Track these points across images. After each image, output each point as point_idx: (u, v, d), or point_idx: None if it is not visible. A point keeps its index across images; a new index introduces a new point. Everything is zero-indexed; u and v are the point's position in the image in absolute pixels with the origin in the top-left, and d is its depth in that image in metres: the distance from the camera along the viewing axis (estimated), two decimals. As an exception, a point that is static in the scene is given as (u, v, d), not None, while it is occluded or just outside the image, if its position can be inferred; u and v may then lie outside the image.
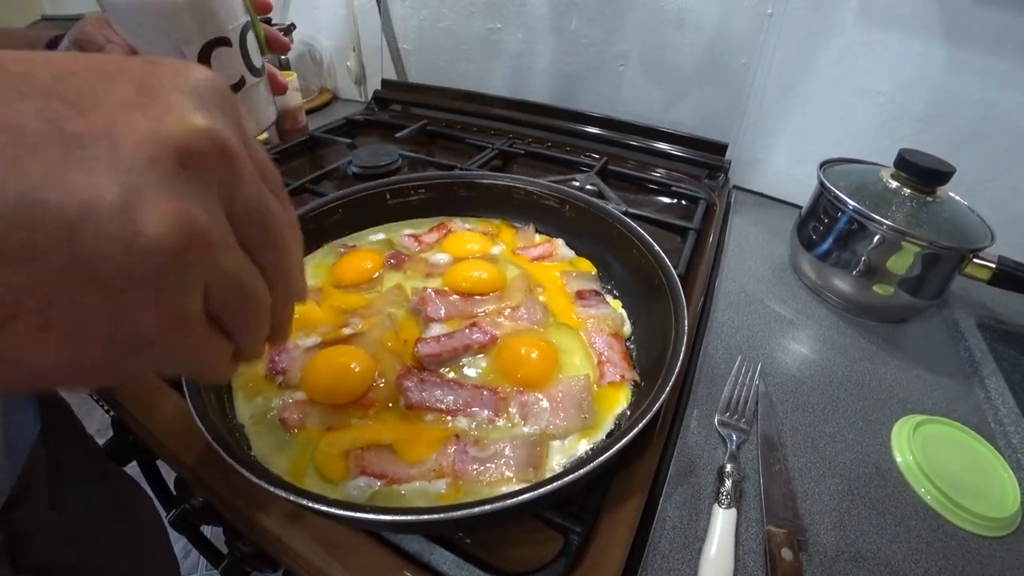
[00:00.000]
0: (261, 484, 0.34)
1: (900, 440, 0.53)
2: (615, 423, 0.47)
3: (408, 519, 0.32)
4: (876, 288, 0.66)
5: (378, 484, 0.41)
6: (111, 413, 0.72)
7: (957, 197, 0.68)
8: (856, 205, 0.65)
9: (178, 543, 0.99)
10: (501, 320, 0.55)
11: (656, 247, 0.55)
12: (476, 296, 0.58)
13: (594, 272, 0.64)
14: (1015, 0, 0.67)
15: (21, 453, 0.55)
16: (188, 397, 0.40)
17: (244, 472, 0.35)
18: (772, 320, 0.68)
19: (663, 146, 1.00)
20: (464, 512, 0.32)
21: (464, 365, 0.51)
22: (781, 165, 0.95)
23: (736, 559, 0.42)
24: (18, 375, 0.17)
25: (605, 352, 0.52)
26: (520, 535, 0.42)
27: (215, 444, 0.36)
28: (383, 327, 0.54)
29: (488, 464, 0.42)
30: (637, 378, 0.50)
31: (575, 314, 0.57)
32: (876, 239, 0.64)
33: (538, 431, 0.45)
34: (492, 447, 0.43)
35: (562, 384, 0.48)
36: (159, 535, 0.85)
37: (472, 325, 0.54)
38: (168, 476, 0.67)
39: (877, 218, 0.63)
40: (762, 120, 0.93)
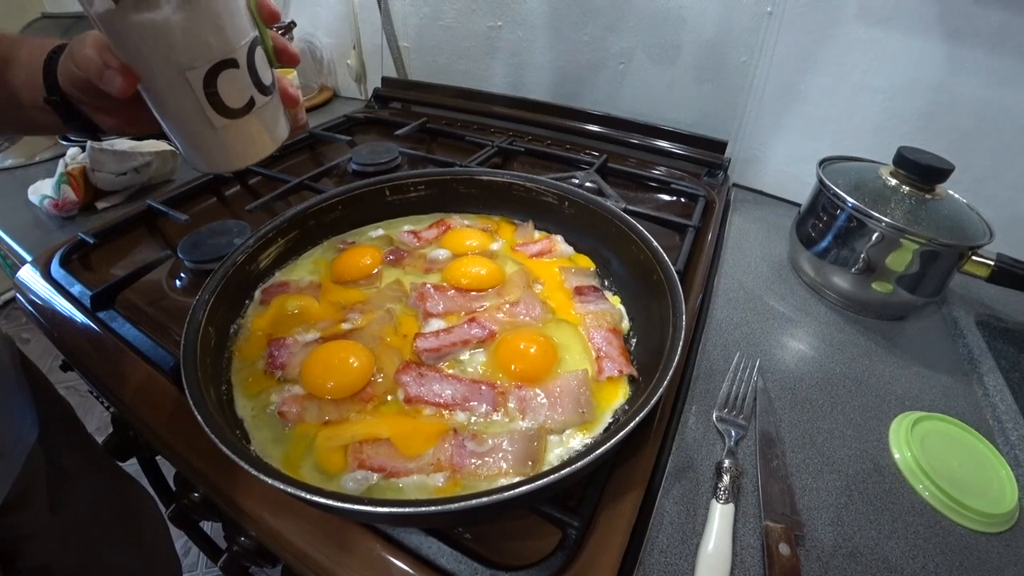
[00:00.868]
0: (260, 476, 0.34)
1: (898, 437, 0.53)
2: (613, 418, 0.47)
3: (405, 511, 0.32)
4: (875, 285, 0.66)
5: (376, 477, 0.41)
6: (111, 410, 0.72)
7: (956, 195, 0.68)
8: (855, 202, 0.65)
9: (178, 541, 0.99)
10: (500, 315, 0.55)
11: (655, 243, 0.55)
12: (475, 292, 0.59)
13: (593, 268, 0.64)
14: (1015, -2, 0.67)
15: (17, 459, 0.55)
16: (187, 391, 0.40)
17: (243, 464, 0.35)
18: (771, 317, 0.69)
19: (663, 144, 1.00)
20: (461, 505, 0.32)
21: (463, 360, 0.51)
22: (780, 163, 0.95)
23: (734, 554, 0.42)
24: None
25: (603, 347, 0.52)
26: (518, 529, 0.42)
27: (214, 437, 0.36)
28: (382, 322, 0.54)
29: (486, 458, 0.42)
30: (635, 373, 0.50)
31: (574, 310, 0.57)
32: (875, 236, 0.64)
33: (536, 425, 0.45)
34: (490, 441, 0.43)
35: (560, 379, 0.48)
36: (161, 533, 0.85)
37: (471, 320, 0.54)
38: (168, 472, 0.68)
39: (876, 215, 0.63)
40: (762, 118, 0.93)
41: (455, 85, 1.21)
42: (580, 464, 0.34)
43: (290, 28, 1.28)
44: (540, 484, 0.33)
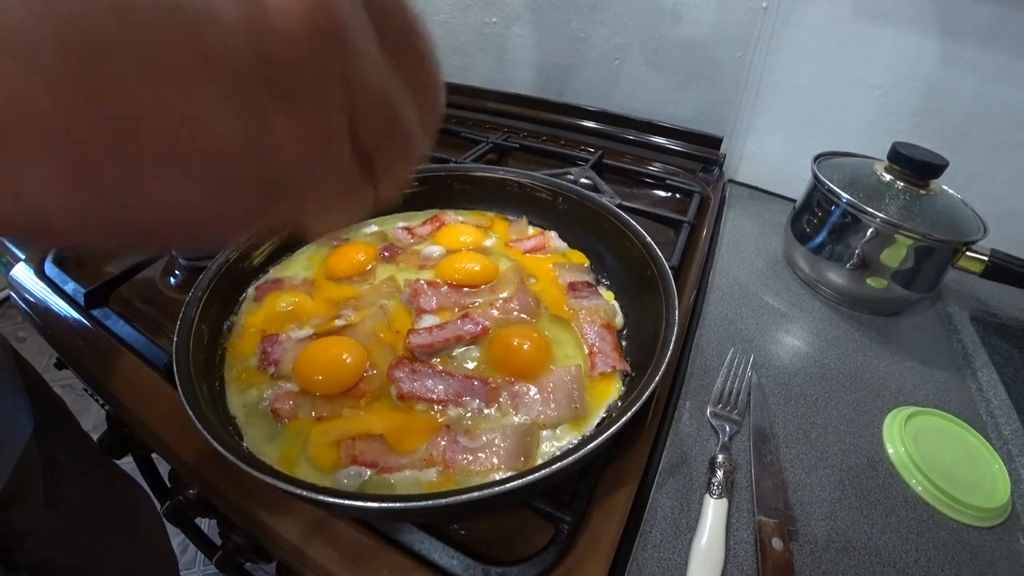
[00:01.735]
0: (252, 473, 0.34)
1: (892, 431, 0.53)
2: (606, 413, 0.47)
3: (397, 506, 0.32)
4: (869, 281, 0.66)
5: (369, 473, 0.41)
6: (106, 408, 0.72)
7: (950, 190, 0.68)
8: (850, 198, 0.65)
9: (175, 539, 0.99)
10: (493, 311, 0.55)
11: (648, 239, 0.55)
12: (468, 288, 0.58)
13: (587, 264, 0.64)
14: (1009, -6, 0.67)
15: (12, 453, 0.55)
16: (180, 388, 0.40)
17: (236, 461, 0.35)
18: (765, 313, 0.69)
19: (658, 140, 1.00)
20: (454, 499, 0.32)
21: (456, 356, 0.51)
22: (775, 159, 0.95)
23: (727, 548, 0.43)
24: (161, 222, 0.15)
25: (597, 343, 0.52)
26: (511, 525, 0.43)
27: (207, 434, 0.36)
28: (376, 318, 0.54)
29: (479, 453, 0.42)
30: (628, 369, 0.50)
31: (567, 305, 0.57)
32: (869, 232, 0.64)
33: (529, 421, 0.45)
34: (483, 437, 0.43)
35: (553, 374, 0.48)
36: (157, 530, 0.85)
37: (464, 316, 0.54)
38: (163, 470, 0.67)
39: (870, 211, 0.63)
40: (757, 114, 0.93)
41: (450, 81, 1.21)
42: (572, 459, 0.34)
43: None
44: (532, 479, 0.33)
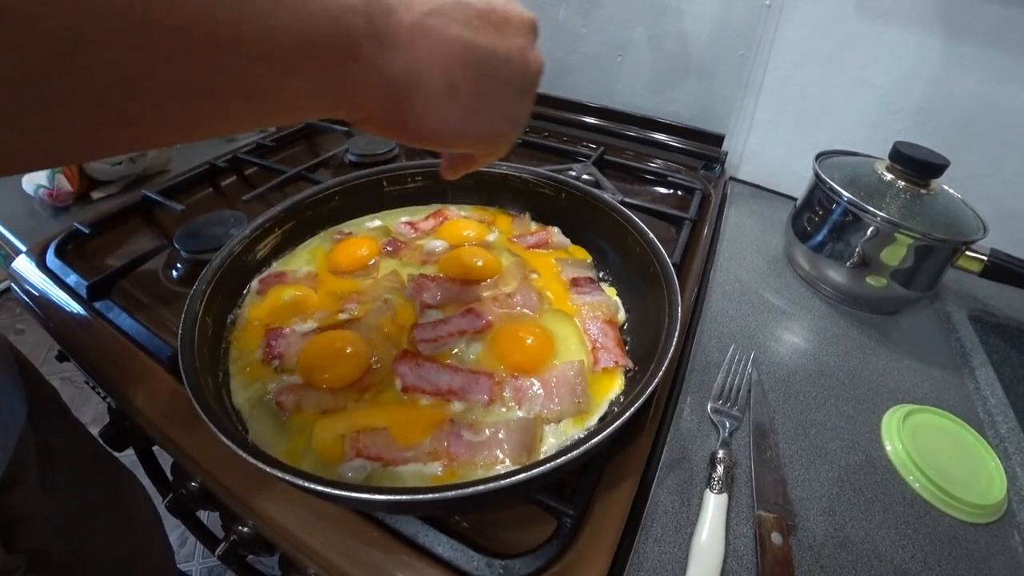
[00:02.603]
0: (258, 465, 0.34)
1: (890, 429, 0.54)
2: (608, 408, 0.47)
3: (402, 499, 0.33)
4: (869, 279, 0.67)
5: (373, 466, 0.41)
6: (107, 400, 0.72)
7: (951, 190, 0.68)
8: (851, 197, 0.65)
9: (174, 532, 1.00)
10: (496, 306, 0.55)
11: (651, 235, 0.56)
12: (472, 282, 0.59)
13: (589, 260, 0.64)
14: (1012, -6, 0.68)
15: (12, 432, 0.56)
16: (186, 381, 0.40)
17: (241, 453, 0.35)
18: (766, 310, 0.69)
19: (660, 136, 1.00)
20: (458, 492, 0.33)
21: (459, 350, 0.51)
22: (777, 157, 0.95)
23: (727, 543, 0.43)
24: (458, 133, 0.33)
25: (599, 338, 0.52)
26: (514, 518, 0.43)
27: (212, 426, 0.37)
28: (379, 312, 0.54)
29: (483, 447, 0.42)
30: (631, 364, 0.50)
31: (570, 301, 0.57)
32: (870, 231, 0.65)
33: (532, 415, 0.45)
34: (487, 431, 0.43)
35: (556, 369, 0.49)
36: (153, 523, 0.85)
37: (468, 311, 0.54)
38: (164, 463, 0.68)
39: (871, 210, 0.63)
40: (759, 112, 0.93)
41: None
42: (576, 453, 0.35)
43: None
44: (536, 472, 0.33)
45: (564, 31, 1.06)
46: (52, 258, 0.68)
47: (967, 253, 0.63)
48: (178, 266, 0.70)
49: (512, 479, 0.33)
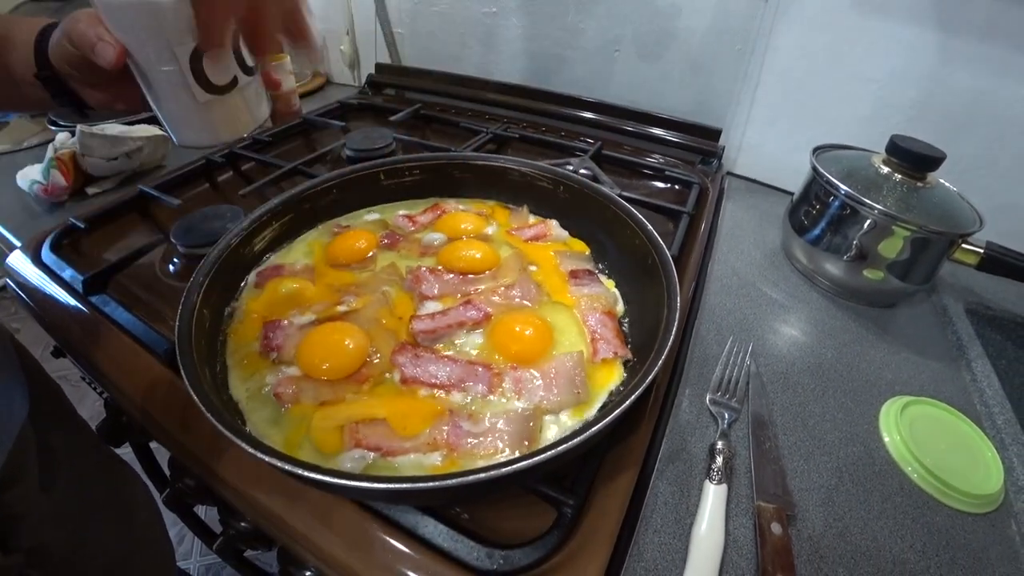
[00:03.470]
0: (256, 455, 0.34)
1: (888, 420, 0.54)
2: (608, 398, 0.47)
3: (402, 487, 0.32)
4: (866, 273, 0.67)
5: (372, 456, 0.41)
6: (104, 395, 0.72)
7: (947, 183, 0.68)
8: (848, 190, 0.65)
9: (172, 529, 0.99)
10: (495, 298, 0.55)
11: (650, 227, 0.56)
12: (470, 274, 0.59)
13: (587, 252, 0.64)
14: (1007, -12, 0.68)
15: (10, 432, 0.55)
16: (184, 371, 0.40)
17: (240, 443, 0.35)
18: (764, 303, 0.69)
19: (657, 131, 1.00)
20: (458, 480, 0.33)
21: (458, 342, 0.51)
22: (774, 151, 0.95)
23: (727, 533, 0.43)
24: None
25: (598, 330, 0.52)
26: (514, 509, 0.43)
27: (211, 417, 0.36)
28: (378, 304, 0.54)
29: (482, 438, 0.42)
30: (630, 355, 0.50)
31: (569, 293, 0.57)
32: (867, 224, 0.65)
33: (532, 406, 0.45)
34: (486, 421, 0.43)
35: (556, 360, 0.48)
36: (153, 519, 0.85)
37: (466, 302, 0.54)
38: (161, 458, 0.67)
39: (868, 203, 0.63)
40: (756, 106, 0.93)
41: (449, 71, 1.20)
42: (575, 441, 0.35)
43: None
44: (536, 460, 0.33)
45: (561, 26, 1.06)
46: (48, 253, 0.68)
47: (963, 246, 0.63)
48: (175, 261, 0.70)
49: (512, 467, 0.33)
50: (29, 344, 0.68)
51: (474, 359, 0.49)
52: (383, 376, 0.48)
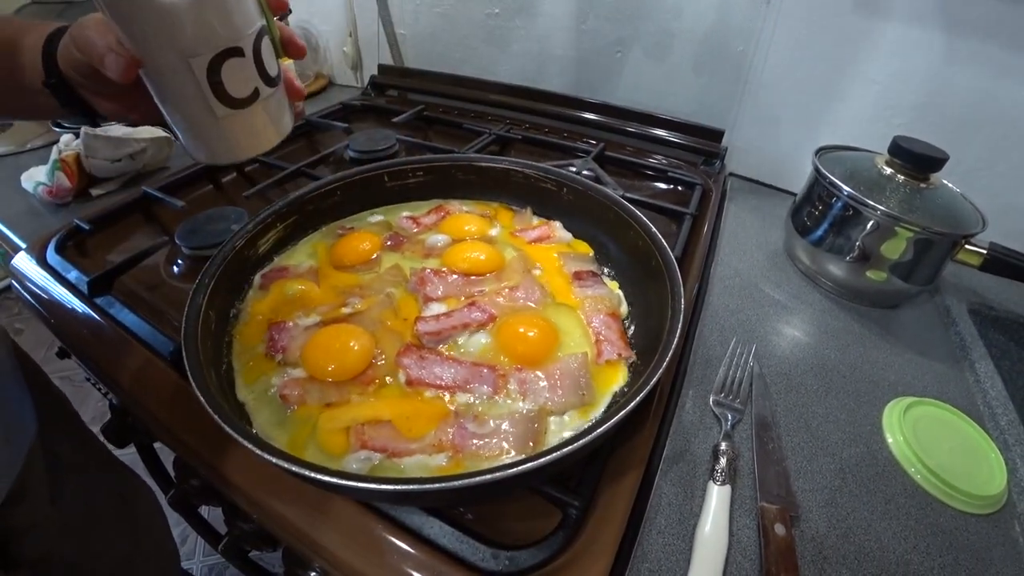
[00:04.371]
0: (262, 455, 0.34)
1: (891, 421, 0.54)
2: (612, 399, 0.48)
3: (408, 488, 0.33)
4: (869, 274, 0.67)
5: (378, 458, 0.41)
6: (108, 397, 0.72)
7: (950, 184, 0.68)
8: (851, 191, 0.65)
9: (175, 530, 0.99)
10: (499, 299, 0.55)
11: (653, 229, 0.56)
12: (474, 276, 0.59)
13: (591, 254, 0.64)
14: (1010, -11, 0.68)
15: (20, 451, 0.55)
16: (190, 373, 0.40)
17: (245, 443, 0.35)
18: (767, 304, 0.69)
19: (660, 132, 1.00)
20: (464, 482, 0.33)
21: (463, 343, 0.51)
22: (777, 152, 0.95)
23: (730, 534, 0.43)
24: None
25: (602, 331, 0.52)
26: (519, 510, 0.43)
27: (217, 417, 0.37)
28: (382, 306, 0.54)
29: (487, 439, 0.42)
30: (634, 357, 0.50)
31: (573, 294, 0.57)
32: (870, 225, 0.65)
33: (536, 407, 0.45)
34: (491, 423, 0.43)
35: (560, 362, 0.49)
36: (157, 522, 0.85)
37: (471, 304, 0.54)
38: (166, 459, 0.68)
39: (871, 204, 0.63)
40: (758, 107, 0.93)
41: (452, 73, 1.21)
42: (581, 443, 0.35)
43: (285, 16, 1.26)
44: (543, 462, 0.33)
45: (563, 28, 1.06)
46: (52, 254, 0.68)
47: (966, 247, 0.63)
48: (179, 262, 0.70)
49: (518, 468, 0.33)
50: (32, 346, 0.68)
51: (479, 361, 0.50)
52: (388, 378, 0.48)
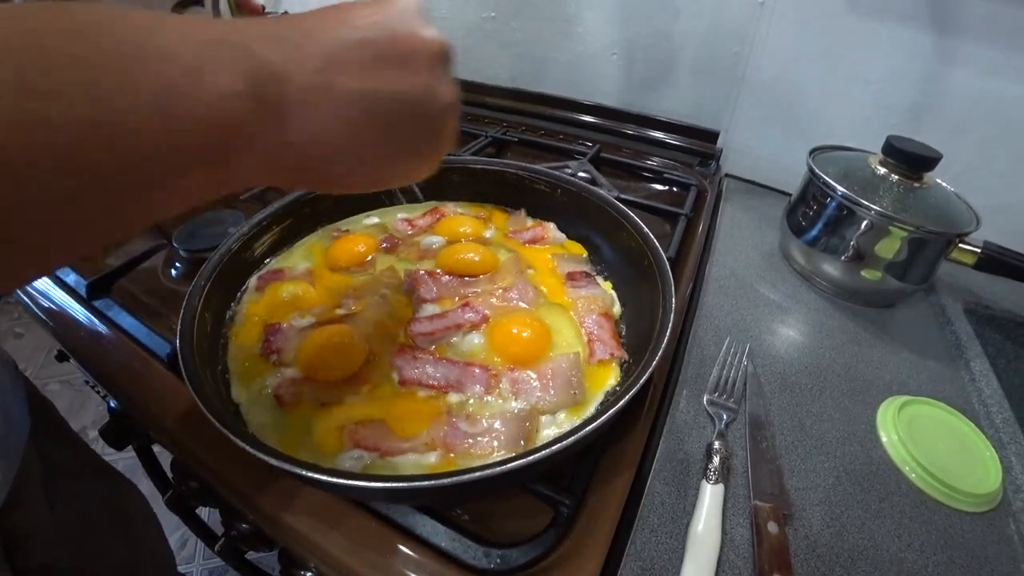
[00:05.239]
0: (257, 454, 0.35)
1: (886, 420, 0.54)
2: (604, 399, 0.48)
3: (399, 486, 0.33)
4: (864, 273, 0.67)
5: (371, 456, 0.41)
6: (108, 399, 0.72)
7: (944, 183, 0.68)
8: (845, 191, 0.65)
9: (175, 534, 1.00)
10: (493, 300, 0.56)
11: (645, 229, 0.56)
12: (468, 277, 0.59)
13: (585, 255, 0.64)
14: (1004, -11, 0.68)
15: (16, 451, 0.56)
16: (185, 374, 0.41)
17: (242, 444, 0.35)
18: (761, 304, 0.69)
19: (656, 134, 1.01)
20: (456, 479, 0.33)
21: (456, 343, 0.52)
22: (771, 153, 0.95)
23: (723, 533, 0.43)
24: (372, 180, 0.34)
25: (595, 331, 0.52)
26: (511, 508, 0.43)
27: (212, 419, 0.37)
28: (377, 307, 0.54)
29: (479, 438, 0.42)
30: (626, 356, 0.51)
31: (566, 295, 0.57)
32: (864, 224, 0.65)
33: (528, 407, 0.45)
34: (483, 422, 0.44)
35: (552, 361, 0.49)
36: (152, 528, 0.86)
37: (464, 305, 0.54)
38: (164, 461, 0.68)
39: (865, 203, 0.64)
40: (753, 108, 0.94)
41: (449, 76, 1.21)
42: (572, 439, 0.35)
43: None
44: (534, 458, 0.34)
45: (560, 31, 1.06)
46: (51, 258, 0.68)
47: (961, 245, 0.63)
48: (177, 265, 0.70)
49: (510, 465, 0.33)
50: (32, 350, 0.69)
51: (472, 361, 0.50)
52: (382, 378, 0.48)
